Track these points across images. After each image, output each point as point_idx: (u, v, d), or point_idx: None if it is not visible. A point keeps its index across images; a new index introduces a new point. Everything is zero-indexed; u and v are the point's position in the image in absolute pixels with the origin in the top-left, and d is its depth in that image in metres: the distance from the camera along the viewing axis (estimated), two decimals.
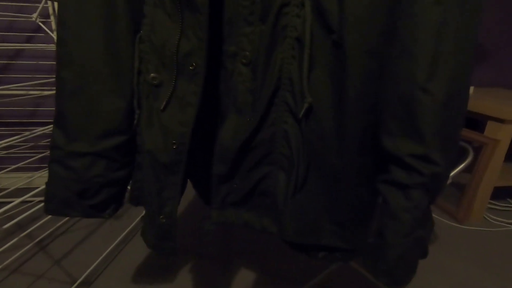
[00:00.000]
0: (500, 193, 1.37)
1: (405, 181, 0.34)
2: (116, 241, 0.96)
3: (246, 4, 0.38)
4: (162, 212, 0.46)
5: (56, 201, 0.46)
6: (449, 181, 0.57)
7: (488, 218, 1.22)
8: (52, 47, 1.05)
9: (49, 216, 1.00)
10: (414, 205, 0.33)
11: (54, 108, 1.17)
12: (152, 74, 0.43)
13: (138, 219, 1.09)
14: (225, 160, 0.42)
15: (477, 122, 1.23)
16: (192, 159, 0.48)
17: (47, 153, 1.20)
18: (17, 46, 1.02)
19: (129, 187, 0.53)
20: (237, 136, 0.41)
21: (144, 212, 0.51)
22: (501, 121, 1.07)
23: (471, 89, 1.36)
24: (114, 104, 0.44)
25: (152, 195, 0.47)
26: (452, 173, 0.58)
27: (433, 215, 1.24)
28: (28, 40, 1.16)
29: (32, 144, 1.22)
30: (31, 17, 0.99)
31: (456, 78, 0.31)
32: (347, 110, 0.36)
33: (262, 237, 1.00)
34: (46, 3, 1.01)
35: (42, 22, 1.08)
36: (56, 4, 1.02)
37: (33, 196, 0.74)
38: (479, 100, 1.18)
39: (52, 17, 1.03)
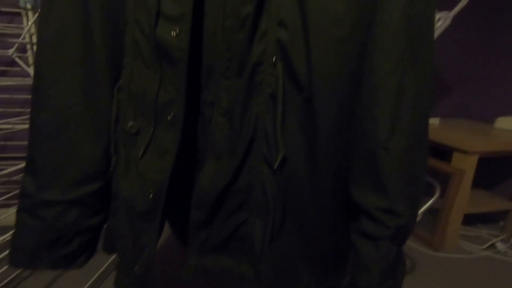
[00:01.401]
0: (471, 219, 1.43)
1: (373, 233, 0.35)
2: (89, 283, 0.91)
3: (223, 61, 0.40)
4: (137, 261, 0.45)
5: (24, 254, 0.44)
6: (419, 218, 0.60)
7: (462, 245, 1.27)
8: (28, 81, 1.04)
9: None
10: (384, 256, 0.35)
11: (25, 142, 1.13)
12: (130, 123, 0.44)
13: (113, 256, 1.04)
14: (203, 207, 0.43)
15: (445, 152, 1.30)
16: (169, 203, 0.48)
17: (17, 191, 1.14)
18: None
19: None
20: (214, 184, 0.42)
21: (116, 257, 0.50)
22: (465, 152, 1.15)
23: (437, 120, 1.45)
24: (90, 150, 0.44)
25: (127, 243, 0.46)
26: (420, 210, 0.61)
27: (409, 242, 1.27)
28: (2, 73, 1.14)
29: (3, 180, 1.16)
30: (8, 53, 0.98)
31: (415, 135, 0.34)
32: (319, 160, 0.38)
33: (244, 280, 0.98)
34: (24, 38, 1.01)
35: (18, 56, 1.07)
36: (33, 38, 1.02)
37: None
38: (445, 131, 1.26)
39: (29, 52, 1.02)
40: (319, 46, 0.34)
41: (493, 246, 1.26)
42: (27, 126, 1.04)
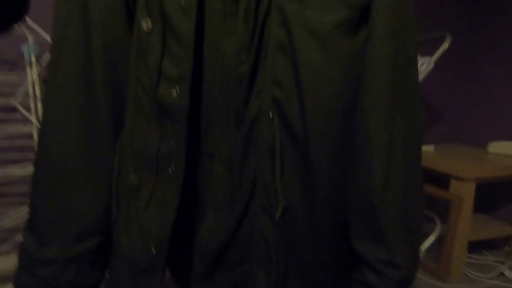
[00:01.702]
0: (475, 247, 1.41)
1: (376, 284, 0.36)
2: None
3: (221, 115, 0.42)
4: None
5: None
6: (422, 254, 0.60)
7: (469, 274, 1.24)
8: (29, 128, 1.06)
9: None
10: None
11: (25, 188, 1.13)
12: (132, 176, 0.45)
13: None
14: (205, 259, 0.43)
15: (442, 178, 1.31)
16: (170, 252, 0.48)
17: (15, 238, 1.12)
18: None
19: None
20: (216, 236, 0.42)
21: None
22: (462, 179, 1.16)
23: (432, 147, 1.48)
24: (91, 206, 0.45)
25: None
26: (424, 247, 0.61)
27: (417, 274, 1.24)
28: (3, 120, 1.16)
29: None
30: (9, 100, 1.01)
31: (410, 184, 0.35)
32: (318, 209, 0.39)
33: None
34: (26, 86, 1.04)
35: (20, 103, 1.09)
36: (36, 87, 1.06)
37: None
38: (441, 159, 1.28)
39: (31, 101, 1.05)
40: (312, 104, 0.36)
41: (501, 274, 1.24)
42: (25, 171, 1.05)
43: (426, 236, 0.86)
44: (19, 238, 1.11)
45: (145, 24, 0.42)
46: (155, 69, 0.42)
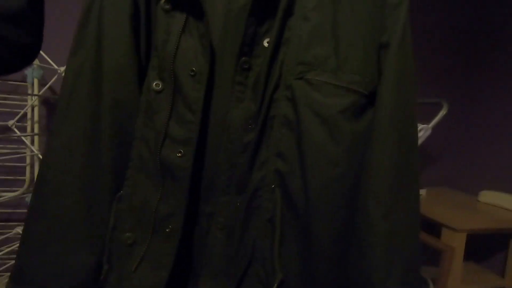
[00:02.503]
0: None
1: None
2: None
3: (224, 178, 0.42)
4: None
5: None
6: None
7: None
8: (23, 150, 1.04)
9: None
10: None
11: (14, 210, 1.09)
12: (127, 233, 0.44)
13: None
14: None
15: (434, 225, 1.31)
16: None
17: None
18: None
19: None
20: None
21: None
22: (454, 229, 1.16)
23: (424, 191, 1.49)
24: (83, 260, 0.44)
25: None
26: None
27: None
28: None
29: None
30: (7, 124, 1.00)
31: (409, 269, 0.36)
32: (316, 286, 0.38)
33: None
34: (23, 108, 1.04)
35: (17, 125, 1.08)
36: (35, 110, 1.05)
37: None
38: (433, 206, 1.29)
39: (28, 122, 1.04)
40: (315, 181, 0.37)
41: None
42: (15, 194, 1.02)
43: None
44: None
45: (156, 84, 0.43)
46: (162, 129, 0.42)
